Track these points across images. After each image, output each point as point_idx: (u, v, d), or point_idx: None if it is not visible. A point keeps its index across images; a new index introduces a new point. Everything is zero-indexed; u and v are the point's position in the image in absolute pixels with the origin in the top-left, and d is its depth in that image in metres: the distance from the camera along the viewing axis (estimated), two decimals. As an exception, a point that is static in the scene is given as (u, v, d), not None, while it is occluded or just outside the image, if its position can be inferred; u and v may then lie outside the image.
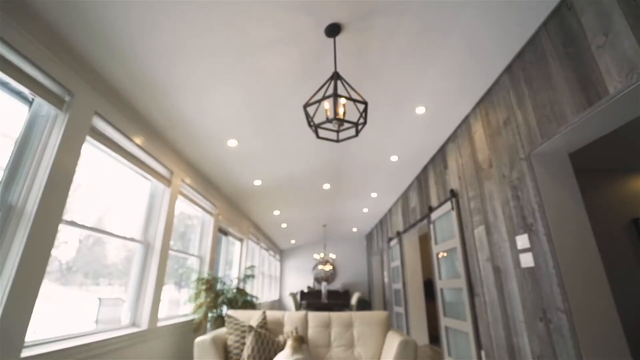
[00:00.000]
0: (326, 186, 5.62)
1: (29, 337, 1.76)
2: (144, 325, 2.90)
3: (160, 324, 3.19)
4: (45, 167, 1.87)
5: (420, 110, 3.35)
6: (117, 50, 2.18)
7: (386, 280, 8.08)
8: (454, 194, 3.95)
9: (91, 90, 2.24)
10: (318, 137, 2.25)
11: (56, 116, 2.01)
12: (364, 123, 2.20)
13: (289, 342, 1.68)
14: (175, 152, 3.65)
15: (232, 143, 3.67)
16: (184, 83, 2.62)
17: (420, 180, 5.28)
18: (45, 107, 1.97)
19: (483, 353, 3.30)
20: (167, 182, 3.44)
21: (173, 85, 2.63)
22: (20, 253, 1.67)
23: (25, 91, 1.84)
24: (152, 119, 3.02)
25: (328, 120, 2.08)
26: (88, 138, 2.25)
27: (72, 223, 2.25)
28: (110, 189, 2.89)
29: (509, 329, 2.85)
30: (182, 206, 4.03)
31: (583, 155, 2.84)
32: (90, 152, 2.46)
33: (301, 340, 1.69)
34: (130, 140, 2.73)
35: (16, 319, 1.64)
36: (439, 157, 4.46)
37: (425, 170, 5.06)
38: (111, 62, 2.28)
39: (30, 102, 1.95)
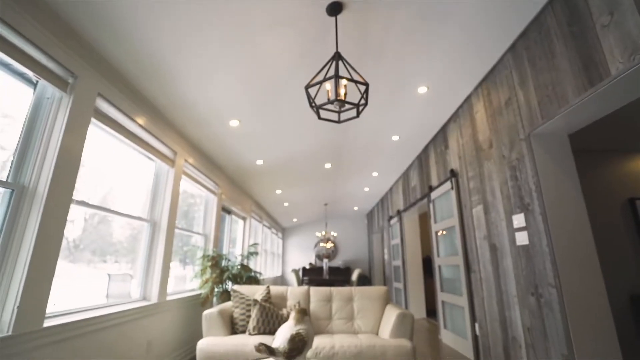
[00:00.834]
0: (327, 165, 5.67)
1: (49, 309, 1.88)
2: (154, 299, 3.05)
3: (169, 298, 3.34)
4: (53, 149, 1.91)
5: (422, 89, 3.34)
6: (120, 33, 2.17)
7: (386, 257, 8.28)
8: (454, 173, 3.99)
9: (94, 73, 2.25)
10: (320, 118, 2.27)
11: (61, 98, 2.03)
12: (365, 104, 2.21)
13: (292, 314, 1.78)
14: (178, 133, 3.67)
15: (234, 123, 3.68)
16: (185, 64, 2.61)
17: (421, 160, 5.31)
18: (49, 89, 2.00)
19: (477, 325, 3.46)
20: (171, 162, 3.49)
21: (175, 67, 2.63)
22: (35, 231, 1.75)
23: (30, 74, 1.86)
24: (154, 100, 3.03)
25: (329, 102, 2.10)
26: (93, 120, 2.28)
27: (82, 203, 2.32)
28: (115, 170, 2.95)
29: (502, 303, 2.97)
30: (185, 185, 4.10)
31: (583, 136, 2.86)
32: (95, 133, 2.50)
33: (304, 312, 1.79)
34: (134, 121, 2.76)
35: (36, 292, 1.75)
36: (440, 137, 4.47)
37: (426, 149, 5.08)
38: (114, 45, 2.28)
39: (34, 85, 1.97)
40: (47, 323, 1.82)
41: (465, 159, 3.72)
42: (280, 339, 1.71)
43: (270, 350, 1.63)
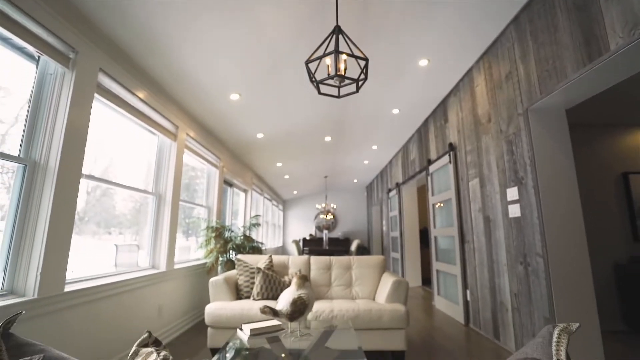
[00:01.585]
0: (327, 138, 5.69)
1: (69, 275, 2.02)
2: (162, 267, 3.21)
3: (176, 266, 3.51)
4: (61, 125, 1.96)
5: (423, 62, 3.31)
6: (118, 7, 2.15)
7: (385, 228, 8.50)
8: (452, 147, 4.04)
9: (94, 47, 2.25)
10: (320, 93, 2.30)
11: (63, 74, 2.05)
12: (365, 79, 2.23)
13: (294, 280, 1.92)
14: (179, 107, 3.69)
15: (234, 97, 3.68)
16: (184, 38, 2.59)
17: (421, 133, 5.34)
18: (52, 65, 2.01)
19: (468, 292, 3.66)
20: (173, 136, 3.53)
21: (174, 41, 2.61)
22: (50, 204, 1.85)
23: (31, 49, 1.87)
24: (155, 74, 3.02)
25: (329, 77, 2.12)
26: (96, 95, 2.31)
27: (91, 177, 2.41)
28: (119, 144, 3.00)
29: (492, 272, 3.14)
30: (187, 159, 4.17)
31: (580, 110, 2.88)
32: (99, 108, 2.53)
33: (305, 279, 1.93)
34: (135, 95, 2.77)
35: (56, 260, 1.88)
36: (440, 111, 4.47)
37: (426, 123, 5.09)
38: (112, 19, 2.26)
39: (37, 61, 1.99)
40: (67, 288, 1.97)
41: (464, 132, 3.76)
42: (283, 302, 1.85)
43: (274, 312, 1.77)
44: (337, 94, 2.35)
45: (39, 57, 1.98)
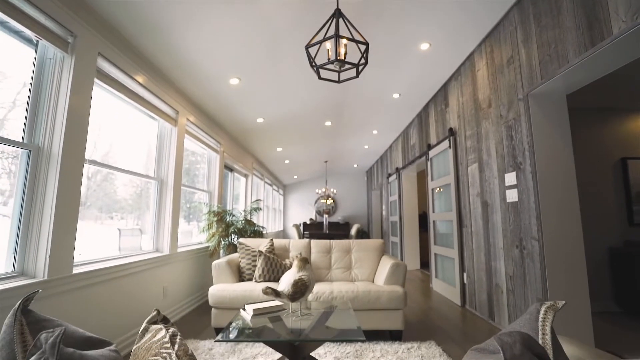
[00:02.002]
0: (327, 123, 5.68)
1: (76, 258, 2.08)
2: (166, 250, 3.28)
3: (179, 250, 3.58)
4: (62, 110, 1.97)
5: (424, 46, 3.28)
6: (112, -15, 2.12)
7: (384, 213, 8.59)
8: (452, 132, 4.05)
9: (93, 31, 2.23)
10: (320, 78, 2.29)
11: (63, 59, 2.05)
12: (365, 64, 2.22)
13: (295, 262, 1.97)
14: (179, 92, 3.67)
15: (234, 81, 3.66)
16: (183, 21, 2.56)
17: (421, 118, 5.32)
18: (51, 49, 2.00)
19: (465, 275, 3.75)
20: (174, 121, 3.53)
21: (173, 24, 2.58)
22: (56, 189, 1.88)
23: (30, 33, 1.86)
24: (154, 58, 3.00)
25: (330, 62, 2.11)
26: (96, 80, 2.30)
27: (94, 162, 2.43)
28: (119, 130, 3.01)
29: (489, 255, 3.21)
30: (188, 144, 4.18)
31: (581, 94, 2.88)
32: (99, 93, 2.52)
33: (305, 261, 1.98)
34: (135, 80, 2.76)
35: (63, 243, 1.93)
36: (441, 95, 4.45)
37: (426, 108, 5.07)
38: (110, 3, 2.23)
39: (35, 45, 1.98)
40: (75, 270, 2.03)
41: (464, 117, 3.75)
42: (284, 284, 1.92)
43: (276, 293, 1.84)
44: (337, 79, 2.34)
45: (37, 41, 1.97)
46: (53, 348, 0.55)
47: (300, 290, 1.85)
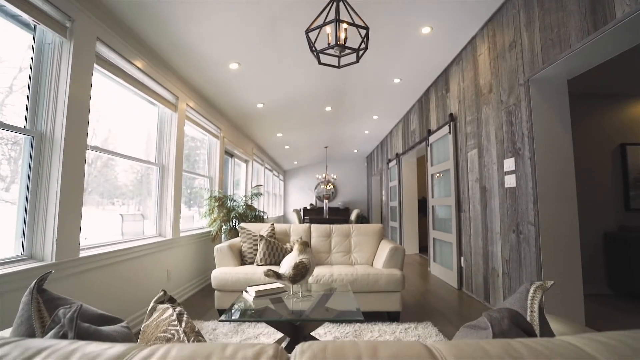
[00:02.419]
0: (328, 108, 5.65)
1: (82, 242, 2.13)
2: (168, 235, 3.34)
3: (182, 234, 3.64)
4: (63, 96, 1.98)
5: (426, 30, 3.23)
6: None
7: (384, 198, 8.64)
8: (452, 118, 4.04)
9: (91, 16, 2.20)
10: (320, 63, 2.28)
11: (62, 44, 2.04)
12: (365, 48, 2.21)
13: (296, 246, 2.02)
14: (178, 77, 3.64)
15: (234, 66, 3.63)
16: (181, 5, 2.52)
17: (422, 103, 5.29)
18: (49, 34, 1.99)
19: (462, 259, 3.82)
20: (174, 107, 3.53)
21: (171, 8, 2.54)
22: (60, 175, 1.91)
23: (27, 17, 1.84)
24: (153, 43, 2.97)
25: (330, 47, 2.10)
26: (95, 66, 2.30)
27: (97, 148, 2.45)
28: (119, 115, 3.01)
29: (486, 239, 3.27)
30: (188, 130, 4.17)
31: (582, 80, 2.86)
32: (98, 79, 2.51)
33: (306, 245, 2.03)
34: (133, 65, 2.75)
35: (69, 227, 1.97)
36: (442, 80, 4.41)
37: (427, 93, 5.04)
38: (104, -19, 2.19)
39: (33, 30, 1.96)
40: (82, 254, 2.08)
41: (465, 103, 3.74)
42: (285, 267, 1.97)
43: (278, 275, 1.89)
44: (338, 64, 2.33)
45: (35, 25, 1.95)
46: (71, 322, 0.59)
47: (300, 272, 1.91)
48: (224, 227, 4.33)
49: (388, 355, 0.45)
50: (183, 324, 1.04)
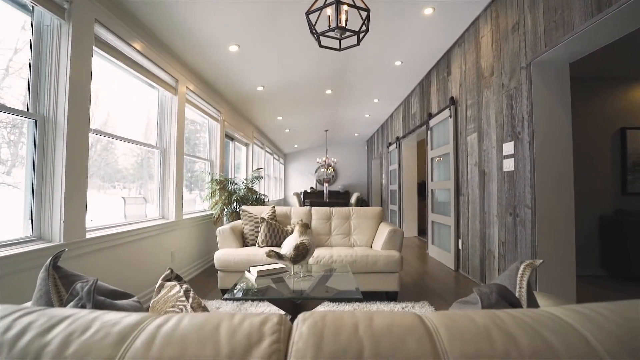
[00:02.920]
0: (328, 91, 5.61)
1: (89, 224, 2.18)
2: (171, 217, 3.40)
3: (184, 217, 3.70)
4: (64, 79, 1.98)
5: (428, 11, 3.18)
6: (105, -55, 2.04)
7: (384, 182, 8.69)
8: (453, 101, 4.02)
9: (88, -4, 2.18)
10: (320, 45, 2.27)
11: (60, 25, 2.02)
12: (366, 31, 2.19)
13: (297, 228, 2.07)
14: (178, 60, 3.61)
15: (233, 48, 3.59)
16: (179, -18, 2.48)
17: (423, 86, 5.25)
18: (47, 16, 1.97)
19: (460, 241, 3.89)
20: (174, 90, 3.51)
21: (168, -15, 2.50)
22: (64, 158, 1.94)
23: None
24: (151, 25, 2.92)
25: (330, 29, 2.08)
26: (95, 49, 2.28)
27: (99, 132, 2.47)
28: (118, 98, 3.00)
29: (484, 222, 3.32)
30: (187, 113, 4.16)
31: (585, 62, 2.83)
32: (97, 62, 2.50)
33: (306, 226, 2.08)
34: (132, 47, 2.72)
35: (75, 209, 2.02)
36: (443, 63, 4.37)
37: (428, 76, 4.99)
38: (101, -40, 2.15)
39: (31, 12, 1.94)
40: (89, 235, 2.14)
41: (466, 86, 3.72)
42: (287, 247, 2.03)
43: (279, 256, 1.95)
44: (338, 47, 2.32)
45: (32, 7, 1.93)
46: (89, 295, 0.63)
47: (301, 253, 1.97)
48: (226, 210, 4.39)
49: (383, 323, 0.49)
50: (190, 300, 1.09)
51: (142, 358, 0.45)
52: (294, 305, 1.99)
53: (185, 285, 1.17)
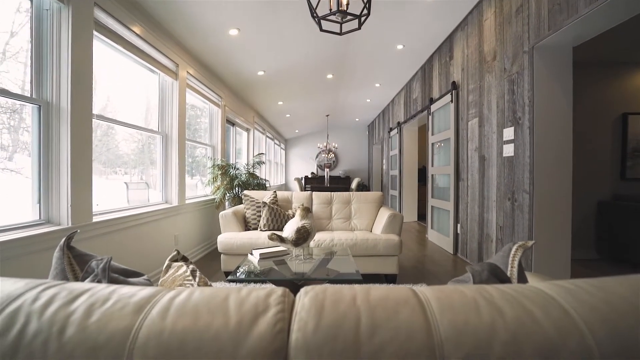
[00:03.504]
0: (329, 76, 5.56)
1: (95, 208, 2.23)
2: (174, 202, 3.45)
3: (187, 202, 3.75)
4: (66, 64, 1.98)
5: (431, -7, 3.12)
6: None
7: (384, 167, 8.71)
8: (455, 86, 4.00)
9: (86, -22, 2.15)
10: (321, 30, 2.25)
11: (60, 9, 2.00)
12: (368, 14, 2.17)
13: (298, 212, 2.12)
14: (178, 45, 3.57)
15: (233, 32, 3.55)
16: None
17: (425, 71, 5.20)
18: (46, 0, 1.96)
19: (459, 226, 3.95)
20: (174, 75, 3.49)
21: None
22: (69, 143, 1.96)
23: (24, -19, 1.81)
24: (150, 8, 2.88)
25: (331, 13, 2.07)
26: (95, 33, 2.27)
27: (101, 117, 2.48)
28: (119, 83, 3.00)
29: (482, 207, 3.37)
30: (188, 98, 4.15)
31: (589, 47, 2.80)
32: (96, 46, 2.49)
33: (307, 210, 2.12)
34: (132, 31, 2.69)
35: (81, 194, 2.06)
36: (446, 47, 4.31)
37: (430, 60, 4.93)
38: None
39: (30, -6, 1.93)
40: (95, 219, 2.19)
41: (468, 71, 3.69)
42: (288, 231, 2.08)
43: (281, 239, 2.00)
44: (339, 31, 2.30)
45: (31, -10, 1.92)
46: (104, 271, 0.68)
47: (303, 236, 2.02)
48: (228, 194, 4.44)
49: (379, 295, 0.53)
50: (197, 279, 1.14)
51: (158, 326, 0.49)
52: (296, 286, 2.05)
53: (191, 266, 1.22)
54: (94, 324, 0.48)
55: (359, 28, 2.21)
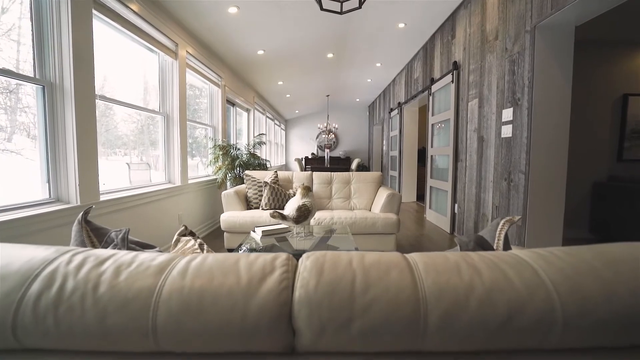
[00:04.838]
0: (329, 55, 5.50)
1: (101, 188, 2.30)
2: (177, 182, 3.52)
3: (190, 182, 3.82)
4: (67, 44, 1.99)
5: (434, -31, 3.06)
6: None
7: (385, 148, 8.72)
8: (456, 66, 3.97)
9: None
10: (322, 9, 2.24)
11: (58, -13, 1.99)
12: (369, -7, 2.15)
13: (299, 190, 2.18)
14: (177, 23, 3.53)
15: (233, 10, 3.50)
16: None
17: (427, 50, 5.13)
18: (45, -23, 1.94)
19: (456, 206, 4.03)
20: (174, 54, 3.48)
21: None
22: (74, 124, 2.00)
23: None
24: (146, -18, 2.85)
25: (332, -9, 2.05)
26: (94, 12, 2.26)
27: (104, 97, 2.51)
28: (118, 63, 2.99)
29: (479, 187, 3.43)
30: (188, 78, 4.13)
31: (593, 26, 2.77)
32: (97, 26, 2.47)
33: (308, 189, 2.19)
34: (129, 8, 2.66)
35: (88, 173, 2.12)
36: (448, 26, 4.25)
37: (432, 39, 4.86)
38: None
39: (29, -28, 1.91)
40: (102, 198, 2.26)
41: (470, 50, 3.66)
42: (289, 209, 2.15)
43: (282, 217, 2.08)
44: (340, 9, 2.29)
45: (30, -33, 1.90)
46: (123, 241, 0.74)
47: (303, 214, 2.09)
48: (229, 174, 4.50)
49: (372, 259, 0.60)
50: (205, 252, 1.22)
51: (178, 284, 0.56)
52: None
53: (199, 240, 1.30)
54: (122, 282, 0.55)
55: (360, 7, 2.20)
